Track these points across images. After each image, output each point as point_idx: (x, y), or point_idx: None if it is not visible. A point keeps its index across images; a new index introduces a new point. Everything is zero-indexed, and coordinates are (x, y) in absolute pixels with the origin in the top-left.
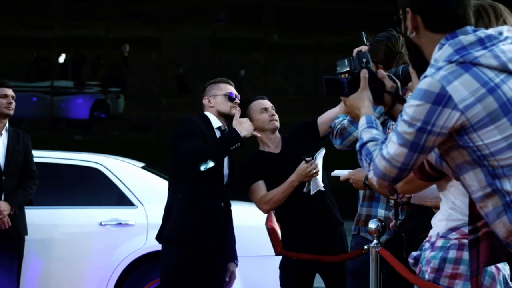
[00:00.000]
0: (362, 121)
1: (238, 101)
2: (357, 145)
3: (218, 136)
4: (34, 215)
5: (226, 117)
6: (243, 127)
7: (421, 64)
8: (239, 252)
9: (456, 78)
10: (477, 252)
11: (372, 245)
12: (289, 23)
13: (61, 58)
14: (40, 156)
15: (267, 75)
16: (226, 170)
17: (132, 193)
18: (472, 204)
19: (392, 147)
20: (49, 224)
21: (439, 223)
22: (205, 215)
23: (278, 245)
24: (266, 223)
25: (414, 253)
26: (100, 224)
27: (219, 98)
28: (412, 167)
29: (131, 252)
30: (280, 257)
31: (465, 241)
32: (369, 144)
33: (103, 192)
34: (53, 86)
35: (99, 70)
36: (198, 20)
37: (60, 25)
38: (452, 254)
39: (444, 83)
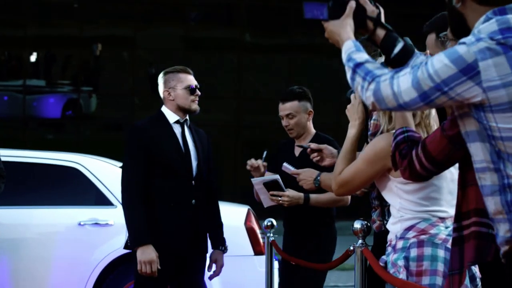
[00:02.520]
0: (349, 44)
1: (199, 93)
2: (350, 64)
3: (177, 131)
4: (12, 215)
5: (186, 112)
6: (142, 256)
7: (463, 32)
8: None
9: (492, 57)
10: (460, 250)
11: (357, 245)
12: (261, 23)
13: (34, 57)
14: (19, 155)
15: (240, 75)
16: (194, 162)
17: (111, 192)
18: (458, 203)
19: (405, 84)
20: (27, 224)
21: (394, 226)
22: (171, 219)
23: (257, 245)
24: (245, 223)
25: (384, 257)
26: (79, 224)
27: (179, 91)
28: (408, 109)
29: (110, 252)
30: (258, 257)
31: (423, 237)
32: (368, 65)
33: (82, 191)
34: (25, 85)
35: (71, 69)
36: (171, 20)
37: (32, 24)
38: (413, 252)
39: (478, 57)
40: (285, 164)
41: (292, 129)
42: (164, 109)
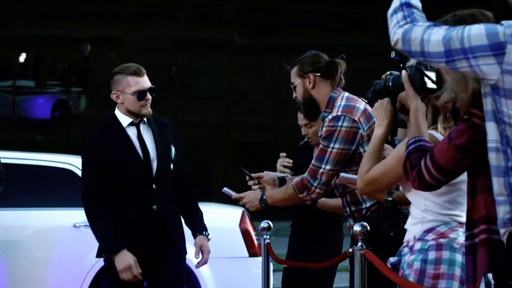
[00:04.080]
0: None
1: (150, 97)
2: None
3: (132, 133)
4: (7, 217)
5: (138, 115)
6: (119, 263)
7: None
8: (212, 254)
9: None
10: (473, 258)
11: (357, 247)
12: (251, 23)
13: (23, 58)
14: (13, 157)
15: (230, 76)
16: (154, 163)
17: None
18: (469, 211)
19: (436, 36)
20: (22, 225)
21: (413, 227)
22: (131, 229)
23: (252, 247)
24: (240, 225)
25: (392, 259)
26: (74, 225)
27: (127, 96)
28: (428, 59)
29: None
30: (253, 259)
31: (442, 240)
32: (416, 11)
33: (77, 193)
34: (15, 85)
35: (61, 69)
36: (161, 20)
37: (23, 25)
38: (431, 255)
39: (509, 39)
40: (225, 188)
41: (311, 138)
42: (117, 112)
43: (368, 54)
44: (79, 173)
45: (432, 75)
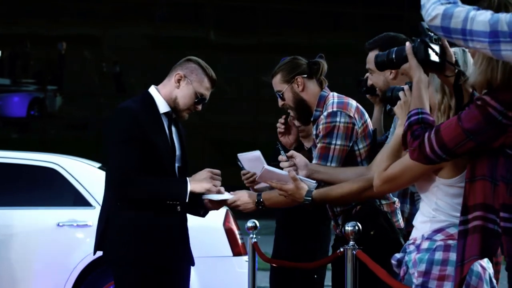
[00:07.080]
0: None
1: (199, 109)
2: None
3: (165, 123)
4: None
5: (177, 112)
6: (197, 187)
7: None
8: (196, 253)
9: None
10: (463, 243)
11: (348, 246)
12: (229, 22)
13: None
14: None
15: None
16: (177, 163)
17: (90, 193)
18: (465, 196)
19: (482, 17)
20: (5, 225)
21: (422, 225)
22: (154, 228)
23: (236, 246)
24: (224, 224)
25: (398, 255)
26: (58, 225)
27: (190, 89)
28: (468, 38)
29: (89, 253)
30: (237, 258)
31: (451, 242)
32: None
33: (60, 192)
34: None
35: (37, 67)
36: (137, 18)
37: None
38: (438, 255)
39: None
40: (207, 195)
41: (292, 141)
42: (155, 93)
43: (346, 53)
44: (63, 172)
45: (436, 48)
